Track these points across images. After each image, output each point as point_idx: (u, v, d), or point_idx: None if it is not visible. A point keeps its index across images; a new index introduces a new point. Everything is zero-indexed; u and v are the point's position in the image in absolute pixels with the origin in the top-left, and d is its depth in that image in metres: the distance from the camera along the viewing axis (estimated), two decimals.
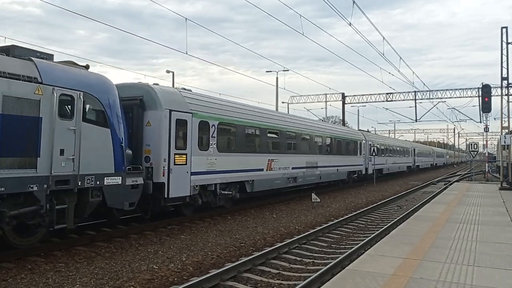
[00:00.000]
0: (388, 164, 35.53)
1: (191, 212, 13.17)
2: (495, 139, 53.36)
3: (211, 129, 13.31)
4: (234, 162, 14.45)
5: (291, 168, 18.45)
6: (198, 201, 12.87)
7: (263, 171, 16.31)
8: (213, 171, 13.28)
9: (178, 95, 12.41)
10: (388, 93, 40.45)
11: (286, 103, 44.25)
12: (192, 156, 12.27)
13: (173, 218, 12.80)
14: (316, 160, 21.31)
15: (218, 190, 13.66)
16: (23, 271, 7.65)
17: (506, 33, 23.54)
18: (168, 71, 34.45)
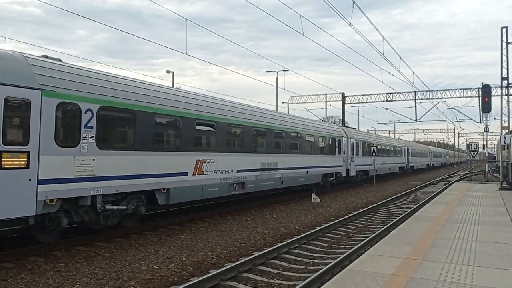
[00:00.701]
0: (376, 164, 31.36)
1: (54, 238, 9.45)
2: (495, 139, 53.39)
3: (85, 115, 9.16)
4: (132, 164, 10.28)
5: (235, 171, 14.40)
6: (62, 221, 8.99)
7: (188, 175, 12.09)
8: (88, 177, 9.20)
9: (14, 61, 8.10)
10: (388, 93, 40.45)
11: (286, 103, 44.27)
12: (42, 156, 8.26)
13: (173, 218, 12.81)
14: (276, 161, 17.24)
15: (99, 204, 9.50)
16: (23, 271, 7.65)
17: (506, 33, 23.55)
18: (168, 71, 34.50)
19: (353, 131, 30.50)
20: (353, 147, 27.05)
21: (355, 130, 33.70)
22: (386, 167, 35.89)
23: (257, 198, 18.14)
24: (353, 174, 26.94)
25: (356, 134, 29.41)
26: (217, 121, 13.63)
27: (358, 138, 29.04)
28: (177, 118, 11.91)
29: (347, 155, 25.89)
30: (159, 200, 11.25)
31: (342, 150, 25.08)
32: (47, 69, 8.68)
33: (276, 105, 37.01)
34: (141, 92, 10.87)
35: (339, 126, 29.04)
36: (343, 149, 25.31)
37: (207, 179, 12.98)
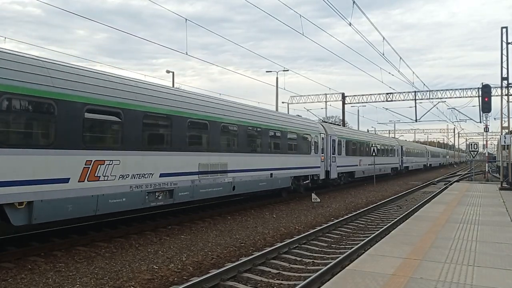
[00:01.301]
0: (363, 165, 28.69)
1: None
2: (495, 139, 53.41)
3: None
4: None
5: (157, 175, 10.92)
6: None
7: (69, 182, 8.65)
8: None
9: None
10: (388, 93, 40.47)
11: (286, 103, 44.27)
12: None
13: (173, 218, 12.81)
14: (225, 161, 13.86)
15: None
16: (23, 271, 7.65)
17: (506, 33, 23.55)
18: (168, 71, 34.51)
19: (335, 127, 26.51)
20: (335, 146, 23.89)
21: (338, 126, 29.47)
22: (376, 168, 31.87)
23: (257, 198, 18.14)
24: (335, 176, 23.68)
25: (339, 131, 25.83)
26: (124, 108, 9.98)
27: (342, 136, 25.55)
28: (45, 101, 8.31)
29: (327, 155, 22.58)
30: (12, 219, 7.69)
31: (319, 148, 21.63)
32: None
33: (276, 105, 37.03)
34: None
35: (318, 122, 24.72)
36: (321, 148, 21.93)
37: (106, 187, 9.47)
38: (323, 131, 22.73)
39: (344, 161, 25.50)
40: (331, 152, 23.40)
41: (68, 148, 8.72)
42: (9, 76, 7.71)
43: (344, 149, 25.53)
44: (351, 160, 26.91)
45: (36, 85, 8.16)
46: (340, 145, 24.86)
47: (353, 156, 27.25)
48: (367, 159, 29.78)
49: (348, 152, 26.38)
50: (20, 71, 7.96)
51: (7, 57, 7.93)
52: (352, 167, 27.24)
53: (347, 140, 26.51)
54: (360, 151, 29.04)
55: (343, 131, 27.48)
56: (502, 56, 23.68)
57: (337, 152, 24.22)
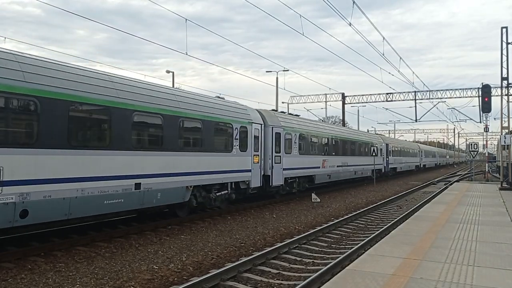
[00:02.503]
0: (329, 167, 23.12)
1: None
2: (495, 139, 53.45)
3: None
4: None
5: None
6: None
7: None
8: None
9: None
10: (388, 93, 40.47)
11: (286, 103, 44.23)
12: None
13: (173, 218, 12.80)
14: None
15: None
16: (23, 271, 7.65)
17: (506, 33, 23.56)
18: (168, 71, 34.55)
19: (282, 116, 19.47)
20: (281, 142, 17.74)
21: (289, 116, 21.03)
22: (349, 170, 26.35)
23: (258, 198, 18.14)
24: (279, 182, 17.44)
25: (287, 122, 18.94)
26: (39, 96, 8.15)
27: (292, 128, 18.95)
28: None
29: (265, 154, 16.68)
30: None
31: (250, 144, 15.50)
32: None
33: (276, 105, 37.02)
34: None
35: (255, 109, 17.32)
36: (253, 143, 15.69)
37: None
38: (258, 120, 16.40)
39: (297, 162, 18.95)
40: (274, 150, 17.15)
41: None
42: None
43: (296, 146, 19.04)
44: (309, 160, 20.43)
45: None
46: (289, 141, 18.56)
47: (312, 155, 21.13)
48: (336, 160, 24.11)
49: (304, 150, 20.03)
50: None
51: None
52: (310, 170, 20.62)
53: (302, 134, 19.88)
54: (325, 149, 23.00)
55: (294, 121, 19.93)
56: (502, 56, 23.70)
57: (284, 150, 17.98)
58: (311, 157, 21.11)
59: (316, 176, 21.50)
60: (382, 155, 34.89)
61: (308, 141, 20.93)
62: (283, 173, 17.85)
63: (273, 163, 17.13)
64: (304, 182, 20.60)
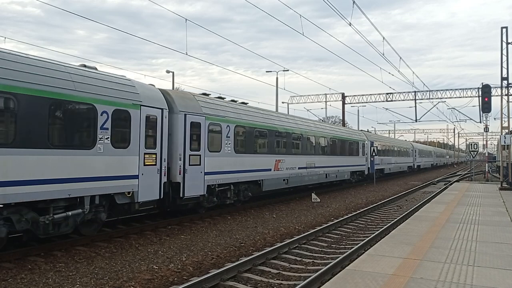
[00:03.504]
0: (288, 169, 18.46)
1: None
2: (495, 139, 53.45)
3: None
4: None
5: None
6: None
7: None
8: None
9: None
10: (388, 93, 40.48)
11: (286, 103, 44.25)
12: None
13: (173, 218, 12.81)
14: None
15: None
16: (23, 271, 7.65)
17: (506, 33, 23.57)
18: (168, 71, 34.57)
19: (206, 100, 14.01)
20: (202, 135, 12.93)
21: (216, 99, 15.00)
22: (318, 173, 21.65)
23: (257, 198, 18.14)
24: (197, 192, 12.68)
25: (215, 108, 13.94)
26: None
27: (223, 118, 14.14)
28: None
29: (172, 152, 11.95)
30: None
31: (135, 138, 10.53)
32: None
33: (276, 105, 37.04)
34: None
35: (156, 88, 12.28)
36: (140, 137, 10.68)
37: None
38: (156, 102, 11.31)
39: (231, 164, 14.48)
40: (188, 147, 12.36)
41: None
42: None
43: (231, 142, 14.43)
44: (252, 161, 15.74)
45: None
46: (217, 135, 13.81)
47: (259, 154, 16.30)
48: (298, 160, 19.54)
49: (244, 148, 15.37)
50: None
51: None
52: (255, 174, 15.95)
53: (241, 126, 15.17)
54: (281, 147, 18.19)
55: (227, 109, 14.79)
56: (502, 56, 23.71)
57: (208, 147, 13.16)
58: (257, 156, 16.15)
59: (264, 182, 16.62)
60: (366, 155, 29.90)
61: (252, 135, 15.87)
62: (204, 178, 12.95)
63: (187, 165, 12.21)
64: (245, 189, 15.79)
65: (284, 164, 18.16)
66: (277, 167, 17.62)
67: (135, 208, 10.73)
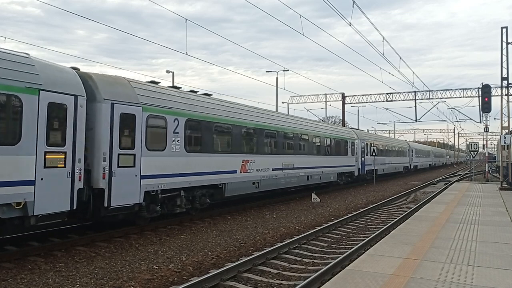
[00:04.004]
0: (257, 171, 16.01)
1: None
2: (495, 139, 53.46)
3: None
4: None
5: None
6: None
7: None
8: None
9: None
10: (388, 93, 40.47)
11: (286, 103, 44.27)
12: None
13: (173, 218, 12.81)
14: None
15: None
16: (23, 271, 7.65)
17: (506, 33, 23.57)
18: (168, 71, 34.49)
19: (144, 86, 11.49)
20: (138, 130, 10.66)
21: (159, 87, 12.14)
22: (298, 175, 19.27)
23: (257, 198, 18.14)
24: (129, 201, 10.32)
25: (157, 98, 11.54)
26: None
27: (170, 109, 11.74)
28: None
29: (94, 150, 9.80)
30: None
31: (27, 134, 8.16)
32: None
33: (276, 105, 37.05)
34: None
35: (67, 67, 9.58)
36: (34, 133, 8.28)
37: None
38: (62, 85, 8.94)
39: (181, 165, 11.99)
40: (117, 145, 10.09)
41: None
42: None
43: (180, 139, 12.00)
44: (209, 162, 13.22)
45: None
46: (162, 130, 11.47)
47: (220, 154, 13.82)
48: (272, 160, 17.16)
49: (199, 146, 12.84)
50: None
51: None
52: (215, 177, 13.52)
53: (195, 119, 12.67)
54: (251, 145, 15.81)
55: (175, 98, 12.27)
56: (502, 56, 23.71)
57: (146, 145, 10.86)
58: (217, 156, 13.67)
59: (227, 186, 14.23)
60: (356, 155, 27.84)
61: (210, 132, 13.41)
62: (140, 183, 10.57)
63: (115, 166, 9.96)
64: (202, 195, 13.27)
65: (254, 165, 15.81)
66: (244, 168, 15.25)
67: (31, 223, 8.25)
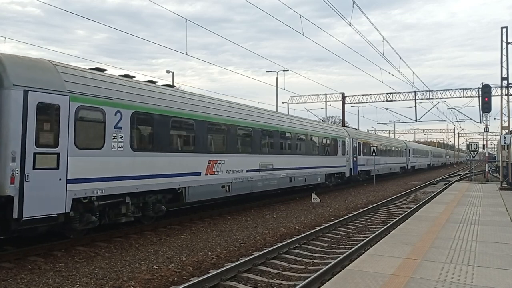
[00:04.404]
0: (221, 172, 13.78)
1: None
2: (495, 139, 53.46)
3: None
4: None
5: None
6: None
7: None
8: None
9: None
10: (388, 93, 40.47)
11: (286, 103, 44.27)
12: None
13: (173, 218, 12.81)
14: None
15: None
16: (23, 271, 7.65)
17: (506, 33, 23.57)
18: (168, 71, 34.51)
19: (73, 71, 9.27)
20: (59, 125, 8.68)
21: (95, 72, 10.08)
22: (278, 177, 17.34)
23: (257, 198, 18.13)
24: (51, 211, 8.33)
25: (91, 86, 9.47)
26: None
27: (105, 98, 9.73)
28: None
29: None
30: None
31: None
32: None
33: (276, 105, 37.05)
34: None
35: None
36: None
37: None
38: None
39: (125, 166, 10.18)
40: (31, 142, 8.18)
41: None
42: None
43: (124, 135, 10.19)
44: (164, 162, 11.34)
45: None
46: (98, 125, 9.70)
47: (179, 153, 11.95)
48: (246, 160, 15.09)
49: (150, 144, 11.08)
50: None
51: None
52: (172, 180, 11.61)
53: (144, 113, 10.81)
54: (219, 143, 13.92)
55: (114, 85, 10.32)
56: (502, 56, 23.71)
57: (76, 143, 9.02)
58: (174, 156, 11.66)
59: (189, 190, 12.16)
60: (347, 154, 25.89)
61: (166, 127, 11.42)
62: (66, 188, 8.72)
63: (29, 168, 8.08)
64: (157, 201, 11.51)
65: (223, 166, 13.75)
66: (211, 170, 13.17)
67: None
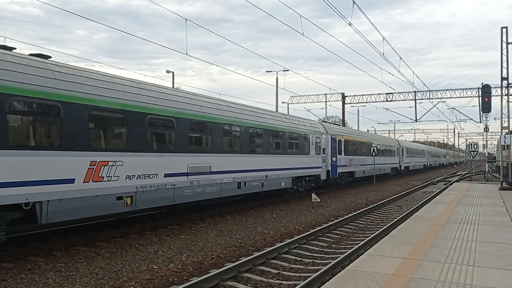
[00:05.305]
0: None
1: None
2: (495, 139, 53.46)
3: None
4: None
5: None
6: None
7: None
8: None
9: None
10: (388, 93, 40.48)
11: (286, 103, 44.27)
12: None
13: (173, 218, 12.81)
14: None
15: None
16: (23, 271, 7.65)
17: (506, 33, 23.55)
18: (168, 71, 34.53)
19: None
20: None
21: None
22: (212, 183, 13.17)
23: (257, 198, 18.13)
24: None
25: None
26: None
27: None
28: None
29: None
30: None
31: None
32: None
33: (276, 105, 37.05)
34: None
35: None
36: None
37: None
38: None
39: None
40: None
41: None
42: None
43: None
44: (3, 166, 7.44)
45: None
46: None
47: (28, 151, 7.95)
48: (175, 161, 11.53)
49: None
50: None
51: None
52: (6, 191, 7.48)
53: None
54: (119, 135, 10.19)
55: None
56: (502, 56, 23.69)
57: None
58: (14, 156, 7.73)
59: (48, 206, 8.27)
60: (323, 154, 22.10)
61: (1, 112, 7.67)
62: None
63: None
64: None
65: (120, 169, 9.84)
66: (96, 175, 9.29)
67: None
